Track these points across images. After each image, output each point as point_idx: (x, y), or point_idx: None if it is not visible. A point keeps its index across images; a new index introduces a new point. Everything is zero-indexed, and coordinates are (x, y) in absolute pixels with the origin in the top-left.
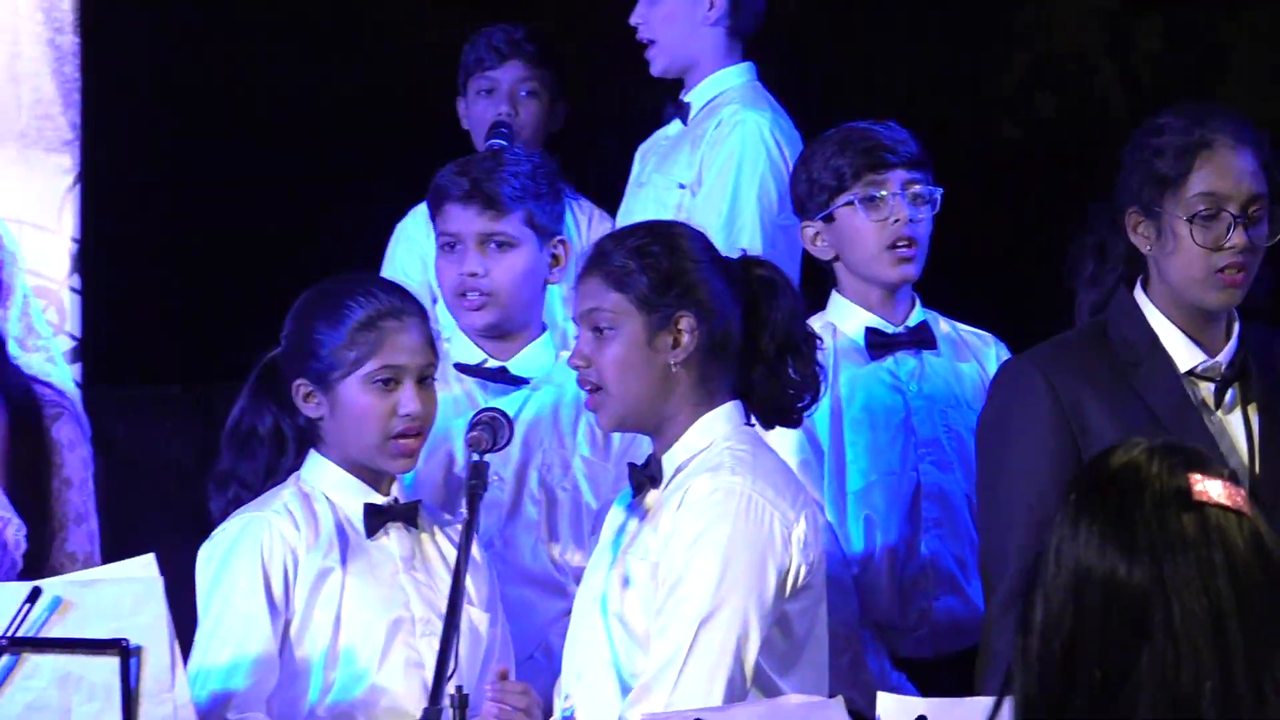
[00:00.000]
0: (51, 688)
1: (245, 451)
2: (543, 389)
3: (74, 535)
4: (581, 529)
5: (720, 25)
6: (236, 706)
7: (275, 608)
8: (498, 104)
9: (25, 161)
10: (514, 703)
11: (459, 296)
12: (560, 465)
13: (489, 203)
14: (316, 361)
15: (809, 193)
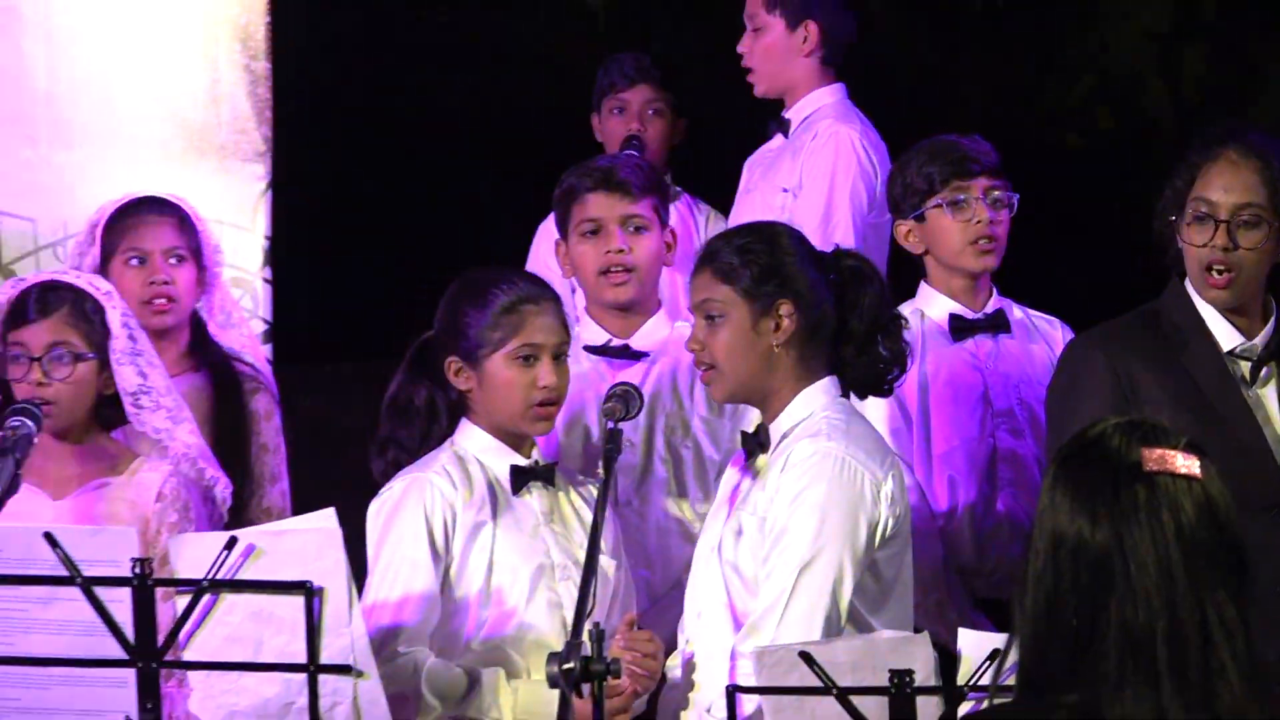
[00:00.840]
0: (246, 622)
1: (402, 420)
2: (660, 360)
3: (269, 493)
4: (707, 480)
5: (814, 55)
6: (406, 640)
7: (437, 555)
8: (628, 121)
9: (225, 171)
10: (643, 649)
11: (603, 274)
12: (682, 426)
13: (625, 189)
14: (465, 341)
15: (903, 195)
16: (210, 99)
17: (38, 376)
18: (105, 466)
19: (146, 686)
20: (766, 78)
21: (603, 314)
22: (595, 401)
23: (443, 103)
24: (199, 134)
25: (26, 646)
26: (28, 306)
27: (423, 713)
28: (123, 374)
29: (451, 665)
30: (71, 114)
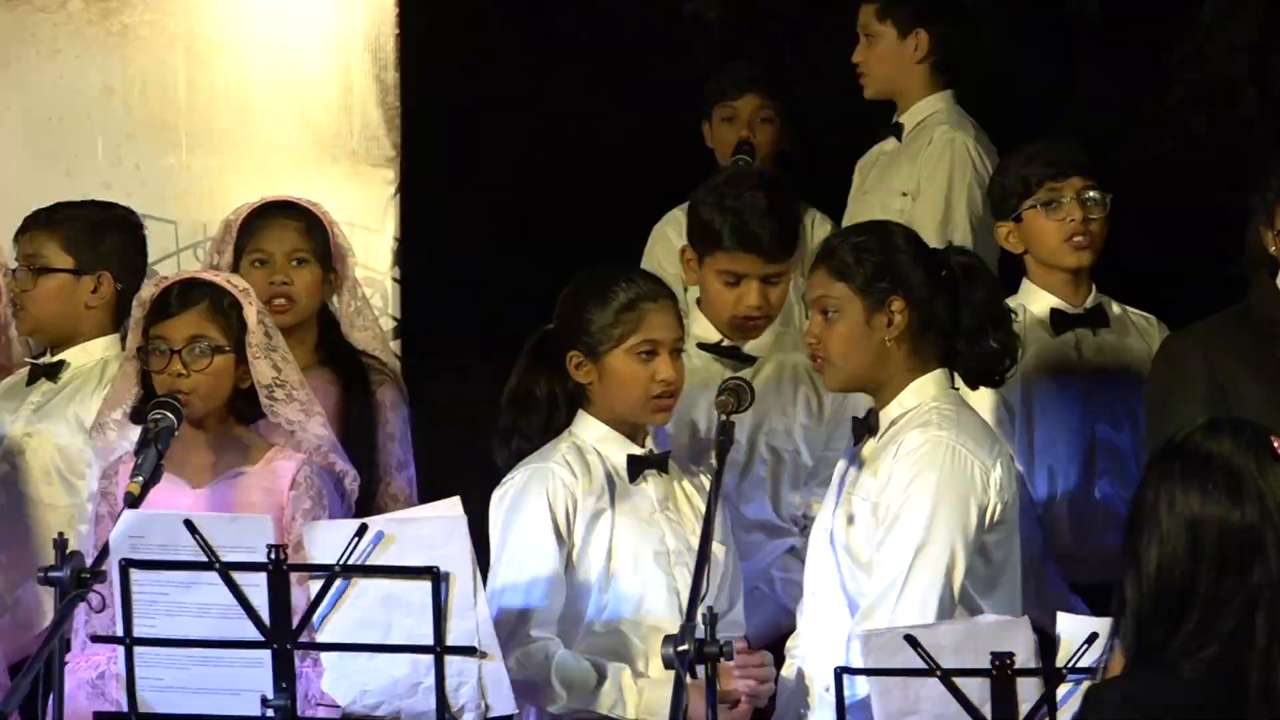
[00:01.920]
0: (376, 606)
1: (524, 411)
2: (767, 365)
3: (396, 481)
4: (799, 482)
5: (924, 62)
6: (536, 623)
7: (560, 540)
8: (738, 129)
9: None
10: (757, 674)
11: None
12: (784, 430)
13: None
14: (587, 336)
15: (1002, 198)
16: (342, 107)
17: (177, 368)
18: (241, 456)
19: (281, 667)
20: (877, 82)
21: None
22: (705, 397)
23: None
24: (331, 141)
25: (168, 628)
26: (169, 301)
27: (550, 701)
28: (258, 367)
29: (581, 657)
30: (211, 122)
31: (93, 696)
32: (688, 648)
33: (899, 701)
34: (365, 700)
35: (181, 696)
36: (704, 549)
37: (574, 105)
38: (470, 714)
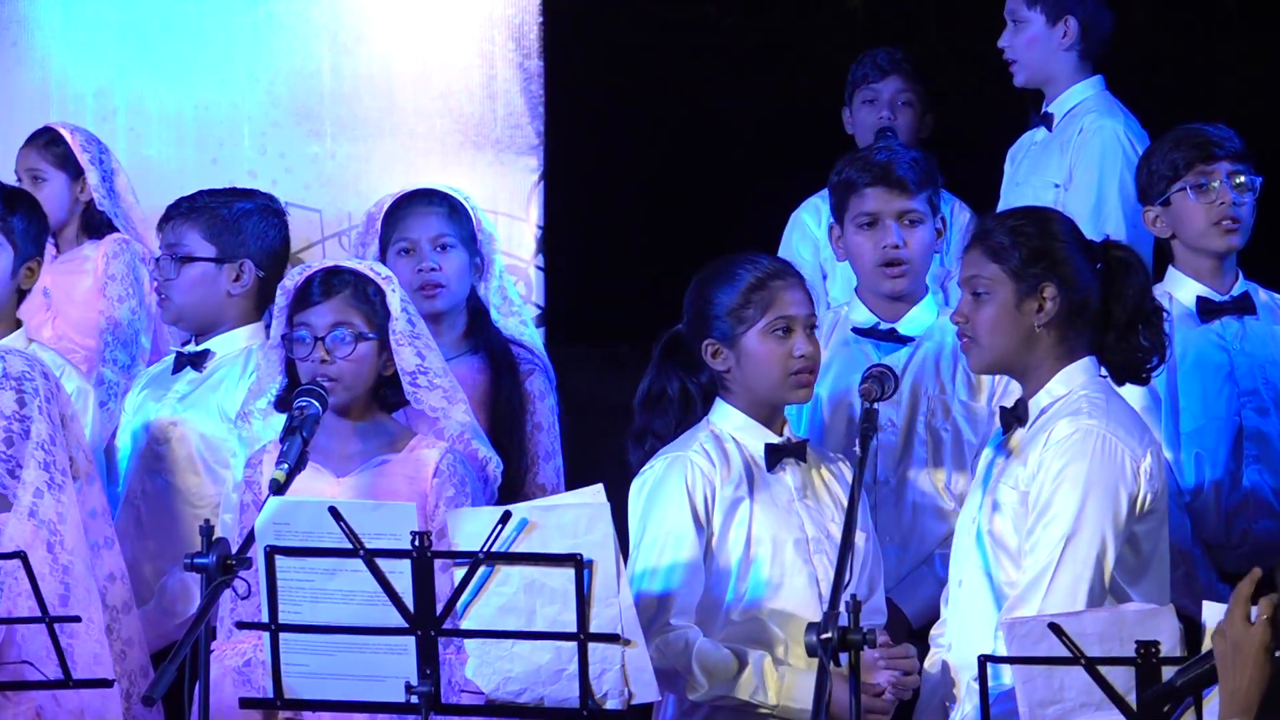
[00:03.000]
0: (519, 593)
1: (656, 411)
2: (925, 345)
3: (543, 470)
4: (964, 462)
5: (1073, 49)
6: (676, 611)
7: (700, 528)
8: (878, 111)
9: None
10: (902, 666)
11: (881, 266)
12: (942, 410)
13: (903, 185)
14: (720, 322)
15: (1149, 182)
16: (486, 95)
17: (321, 355)
18: (385, 444)
19: (425, 653)
20: (1027, 69)
21: (872, 297)
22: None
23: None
24: (475, 129)
25: (314, 615)
26: (312, 289)
27: (691, 688)
28: (401, 355)
29: (721, 645)
30: (355, 111)
31: (238, 683)
32: (831, 635)
33: (1043, 690)
34: (508, 687)
35: (326, 683)
36: (847, 536)
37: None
38: (613, 701)
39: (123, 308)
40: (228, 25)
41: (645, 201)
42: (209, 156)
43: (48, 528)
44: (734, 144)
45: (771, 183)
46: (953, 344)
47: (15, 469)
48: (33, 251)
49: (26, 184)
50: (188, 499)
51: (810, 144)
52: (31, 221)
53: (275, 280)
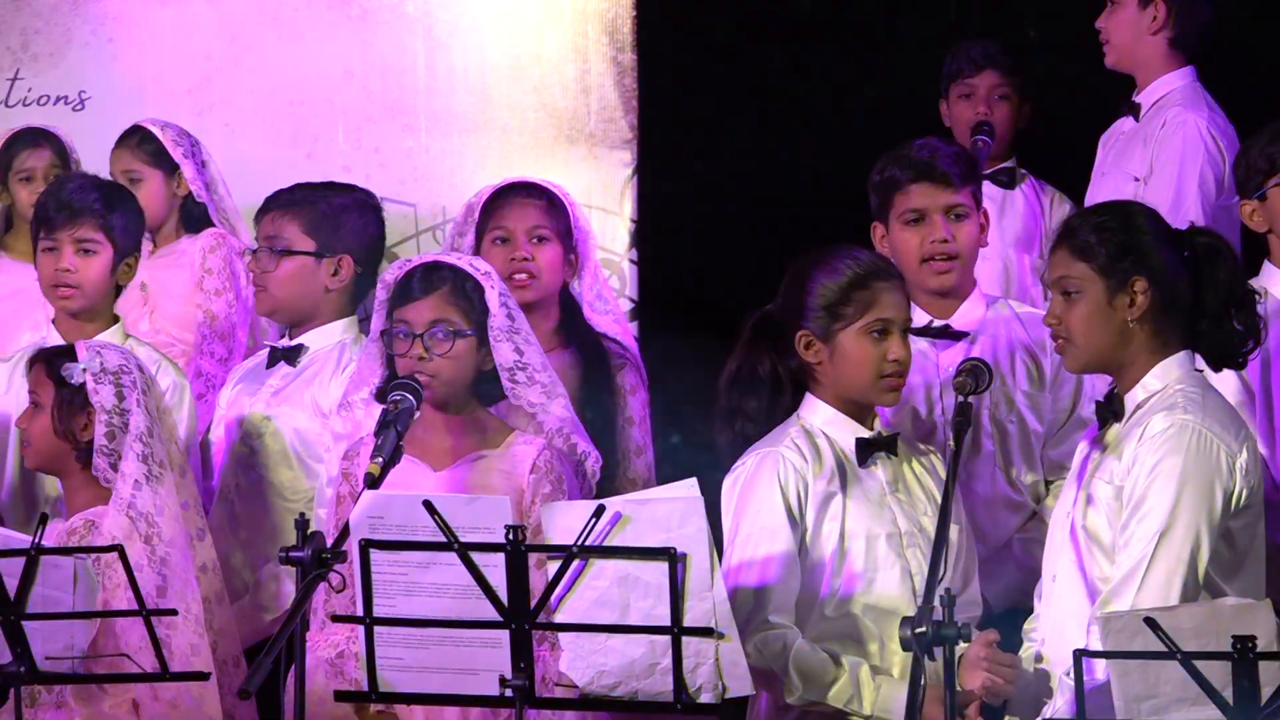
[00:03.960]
0: (613, 587)
1: (748, 391)
2: (981, 338)
3: (634, 464)
4: (1031, 452)
5: (1162, 35)
6: (775, 607)
7: (793, 523)
8: (975, 106)
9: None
10: (1003, 675)
11: (926, 262)
12: (1006, 402)
13: (947, 179)
14: (817, 315)
15: (1246, 176)
16: (580, 89)
17: (419, 352)
18: (482, 439)
19: (519, 647)
20: (1116, 50)
21: (921, 296)
22: (921, 383)
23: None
24: (569, 123)
25: (408, 608)
26: (411, 286)
27: (787, 691)
28: (500, 350)
29: (818, 649)
30: (449, 105)
31: (331, 675)
32: (925, 629)
33: (1139, 685)
34: (602, 681)
35: (420, 676)
36: (941, 530)
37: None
38: (707, 695)
39: (219, 301)
40: (322, 20)
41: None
42: (303, 151)
43: (146, 520)
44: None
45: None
46: (1008, 335)
47: (116, 462)
48: (131, 248)
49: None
50: (281, 493)
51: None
52: (130, 218)
53: (371, 275)
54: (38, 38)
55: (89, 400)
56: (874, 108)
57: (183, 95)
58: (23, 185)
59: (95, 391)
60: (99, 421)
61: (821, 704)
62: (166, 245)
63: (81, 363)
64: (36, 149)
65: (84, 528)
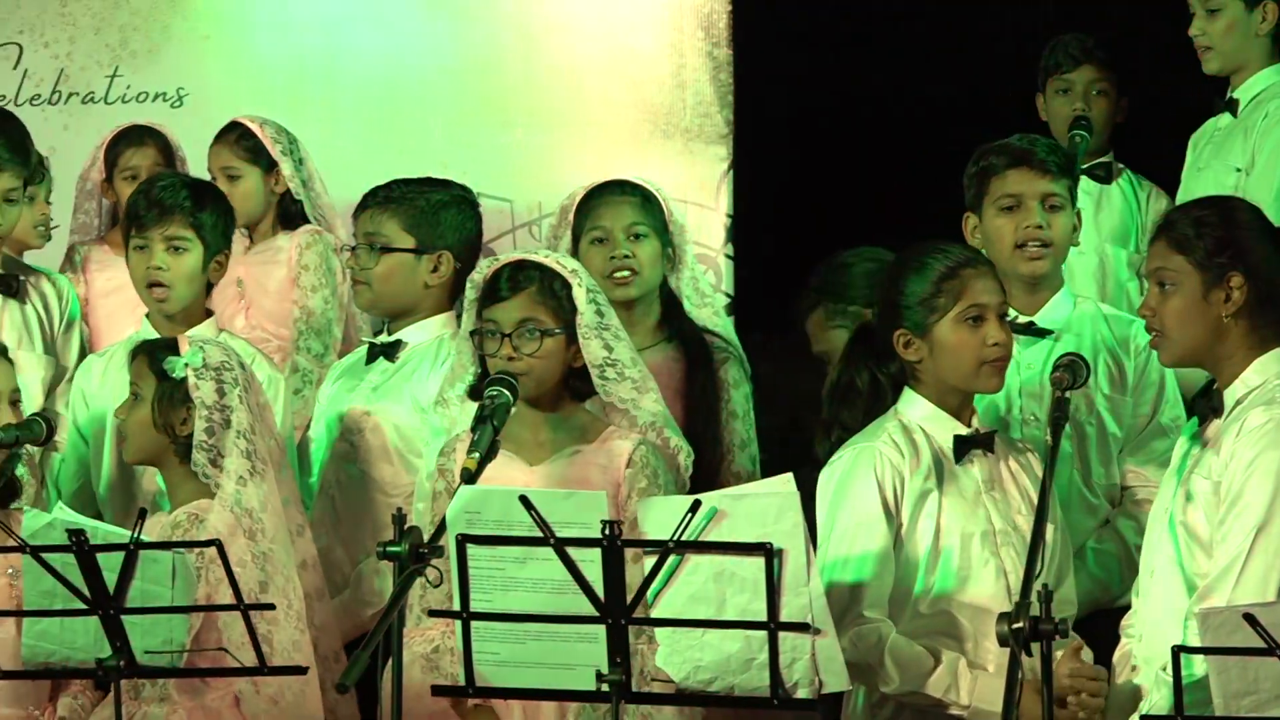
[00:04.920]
0: (709, 582)
1: (845, 403)
2: (1065, 338)
3: (738, 458)
4: (1109, 454)
5: (1270, 34)
6: (869, 602)
7: (889, 518)
8: (1072, 101)
9: (689, 152)
10: (1090, 689)
11: (1019, 248)
12: (1086, 403)
13: (1045, 167)
14: (911, 312)
15: None
16: (675, 84)
17: (508, 351)
18: (578, 435)
19: (616, 642)
20: (1224, 57)
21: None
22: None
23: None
24: (664, 118)
25: (504, 603)
26: (499, 286)
27: (883, 682)
28: (589, 348)
29: (914, 642)
30: (545, 101)
31: (426, 670)
32: (1023, 625)
33: (1237, 681)
34: (698, 676)
35: (517, 671)
36: (1038, 526)
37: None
38: (804, 690)
39: (316, 297)
40: (418, 15)
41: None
42: (398, 147)
43: (249, 515)
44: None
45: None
46: (1093, 335)
47: (217, 458)
48: (221, 246)
49: (221, 182)
50: (382, 488)
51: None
52: (219, 215)
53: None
54: (136, 35)
55: (189, 395)
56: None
57: (279, 91)
58: (127, 184)
59: (196, 387)
60: (199, 417)
61: (918, 694)
62: (263, 242)
63: (183, 357)
64: (141, 147)
65: (188, 521)
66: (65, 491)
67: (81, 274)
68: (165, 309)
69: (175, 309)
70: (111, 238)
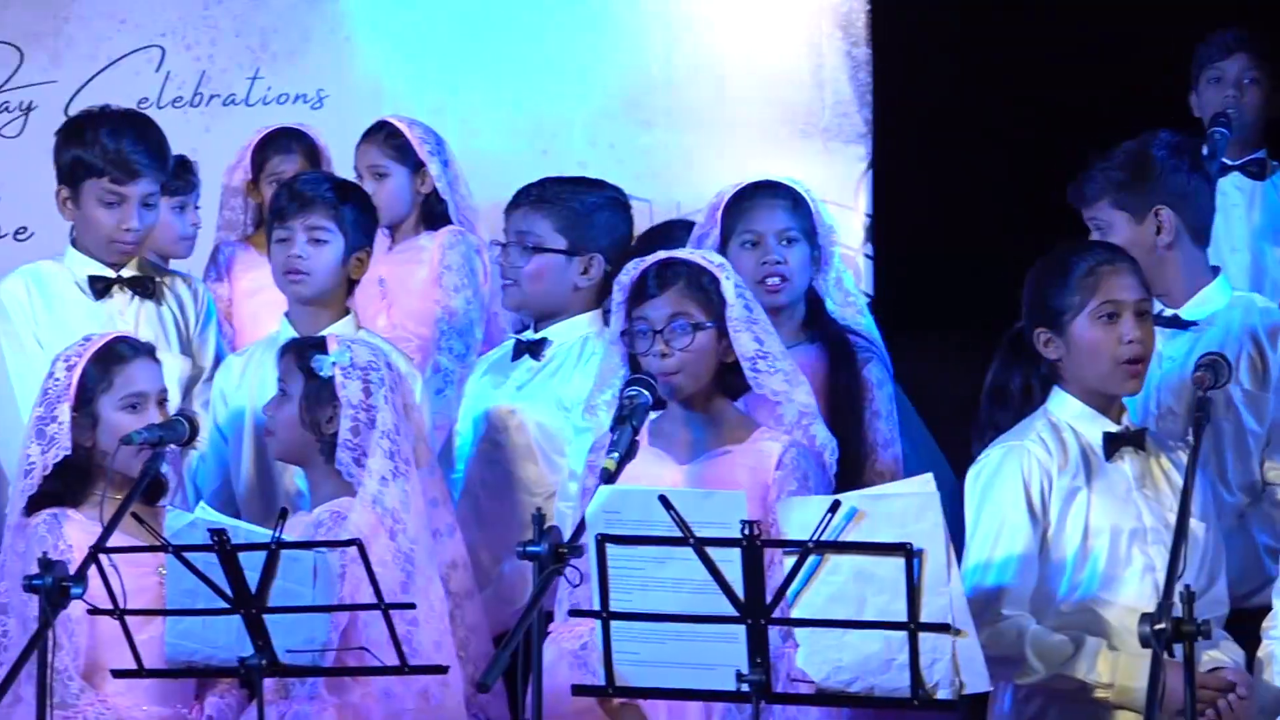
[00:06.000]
0: (849, 582)
1: (1000, 405)
2: (1208, 331)
3: (882, 457)
4: (1247, 452)
5: None
6: (1009, 601)
7: (1035, 519)
8: (1223, 90)
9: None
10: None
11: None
12: (1223, 398)
13: None
14: (1049, 311)
15: None
16: (814, 84)
17: (661, 348)
18: (728, 434)
19: (756, 642)
20: None
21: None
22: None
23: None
24: (803, 117)
25: (644, 603)
26: (647, 284)
27: (1024, 674)
28: (740, 340)
29: (1053, 632)
30: (685, 100)
31: (575, 668)
32: (1165, 626)
33: None
34: (838, 676)
35: (657, 671)
36: (1181, 525)
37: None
38: (944, 691)
39: (458, 297)
40: (558, 16)
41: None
42: (540, 148)
43: (391, 515)
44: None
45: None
46: (1240, 328)
47: (361, 457)
48: (362, 242)
49: (368, 180)
50: (526, 487)
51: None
52: (361, 212)
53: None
54: (276, 36)
55: (336, 394)
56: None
57: (420, 92)
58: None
59: (343, 386)
60: (344, 416)
61: (1062, 678)
62: (406, 241)
63: (331, 356)
64: (288, 154)
65: (330, 520)
66: (205, 491)
67: (226, 274)
68: (299, 292)
69: (308, 294)
70: (255, 239)
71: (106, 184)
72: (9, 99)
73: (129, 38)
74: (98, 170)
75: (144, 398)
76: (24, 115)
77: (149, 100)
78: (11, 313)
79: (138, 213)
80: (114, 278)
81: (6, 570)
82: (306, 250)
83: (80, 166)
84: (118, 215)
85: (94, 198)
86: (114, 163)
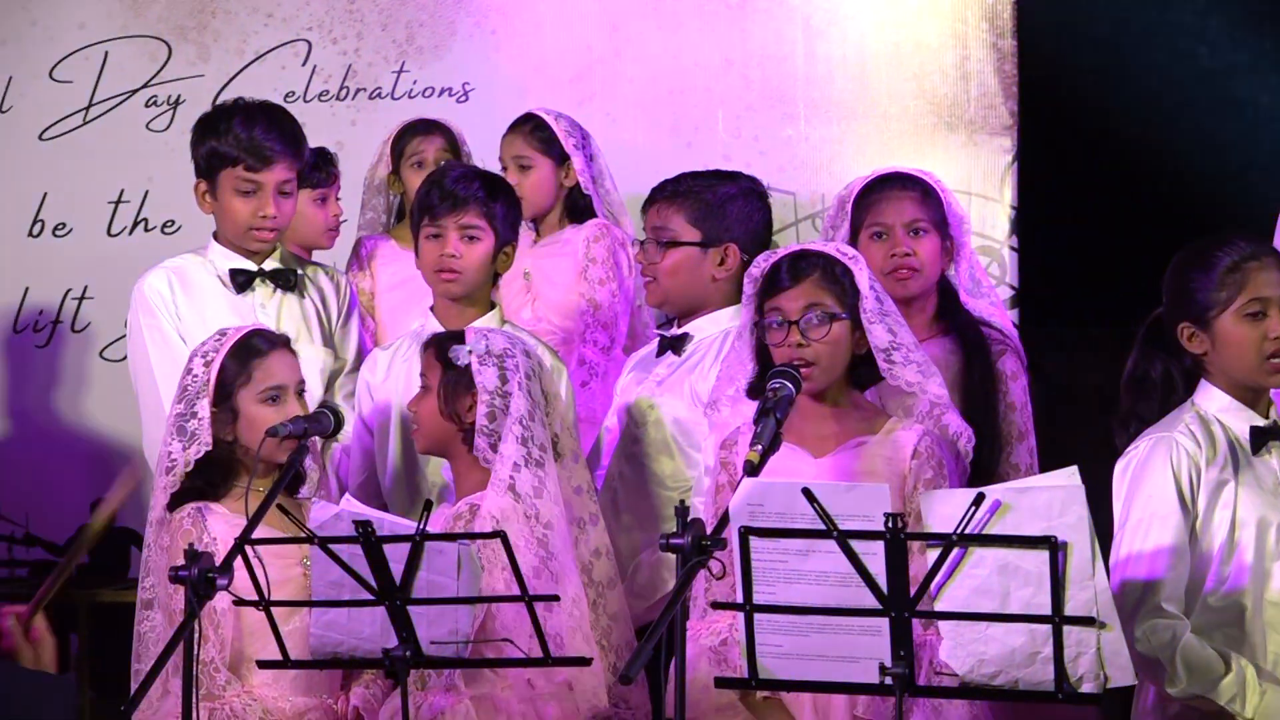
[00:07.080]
0: (993, 575)
1: (1140, 394)
2: None
3: (1016, 450)
4: None
5: None
6: (1165, 595)
7: (1185, 509)
8: None
9: (973, 144)
10: None
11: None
12: None
13: None
14: (1194, 305)
15: None
16: (959, 76)
17: (795, 339)
18: (862, 425)
19: (899, 635)
20: None
21: None
22: None
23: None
24: (948, 109)
25: (787, 596)
26: (780, 276)
27: (1170, 682)
28: (874, 332)
29: (1206, 645)
30: (828, 93)
31: (714, 662)
32: None
33: None
34: (982, 670)
35: (800, 663)
36: None
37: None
38: (1089, 684)
39: (603, 290)
40: (701, 10)
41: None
42: (683, 140)
43: (525, 501)
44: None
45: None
46: None
47: (496, 443)
48: (510, 237)
49: (513, 171)
50: (662, 481)
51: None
52: (509, 208)
53: None
54: (422, 30)
55: (474, 382)
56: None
57: (564, 86)
58: (415, 172)
59: (479, 373)
60: (481, 402)
61: (1204, 698)
62: (550, 234)
63: (467, 345)
64: (429, 136)
65: (469, 512)
66: (351, 484)
67: (368, 268)
68: (452, 290)
69: (461, 292)
70: (397, 232)
71: (241, 172)
72: (157, 93)
73: (276, 32)
74: (232, 159)
75: (283, 389)
76: (172, 109)
77: (295, 94)
78: (155, 307)
79: (274, 200)
80: (255, 271)
81: (151, 565)
82: (459, 248)
83: (215, 157)
84: (254, 203)
85: (230, 188)
86: (247, 150)
